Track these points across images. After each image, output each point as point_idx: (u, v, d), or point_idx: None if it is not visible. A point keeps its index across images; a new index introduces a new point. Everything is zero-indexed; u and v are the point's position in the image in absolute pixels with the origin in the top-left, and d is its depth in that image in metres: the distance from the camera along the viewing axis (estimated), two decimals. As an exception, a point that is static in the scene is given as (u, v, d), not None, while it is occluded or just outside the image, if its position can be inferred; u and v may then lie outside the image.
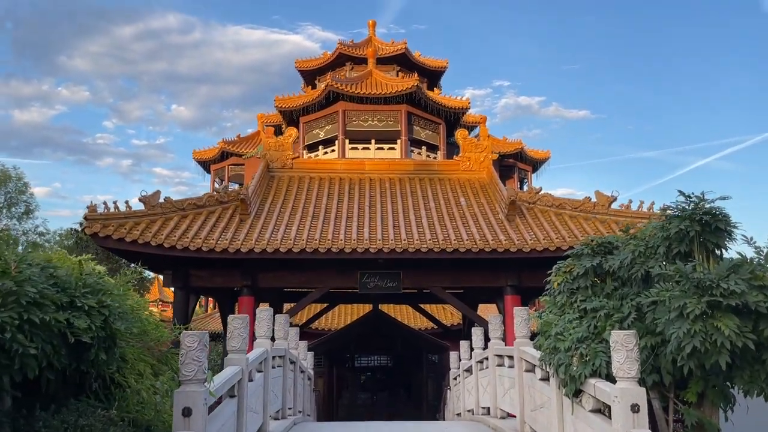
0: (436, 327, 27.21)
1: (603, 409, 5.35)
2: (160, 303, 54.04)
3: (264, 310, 9.91)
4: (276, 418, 8.96)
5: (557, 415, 6.09)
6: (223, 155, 34.86)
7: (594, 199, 16.75)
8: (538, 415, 6.98)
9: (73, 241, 32.98)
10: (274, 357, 8.92)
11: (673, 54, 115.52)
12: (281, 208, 17.59)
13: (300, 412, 12.00)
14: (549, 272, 6.70)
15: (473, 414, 11.08)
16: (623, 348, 4.71)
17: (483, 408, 10.41)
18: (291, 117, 25.39)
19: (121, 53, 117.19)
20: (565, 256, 6.56)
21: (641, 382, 4.82)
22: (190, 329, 5.08)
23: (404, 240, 15.44)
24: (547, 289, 6.68)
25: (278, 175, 19.77)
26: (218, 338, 33.01)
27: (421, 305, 24.49)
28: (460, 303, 17.06)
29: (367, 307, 24.66)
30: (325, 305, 23.66)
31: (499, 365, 9.31)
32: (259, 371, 7.56)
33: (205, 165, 36.20)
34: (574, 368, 5.47)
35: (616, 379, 4.77)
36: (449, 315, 30.86)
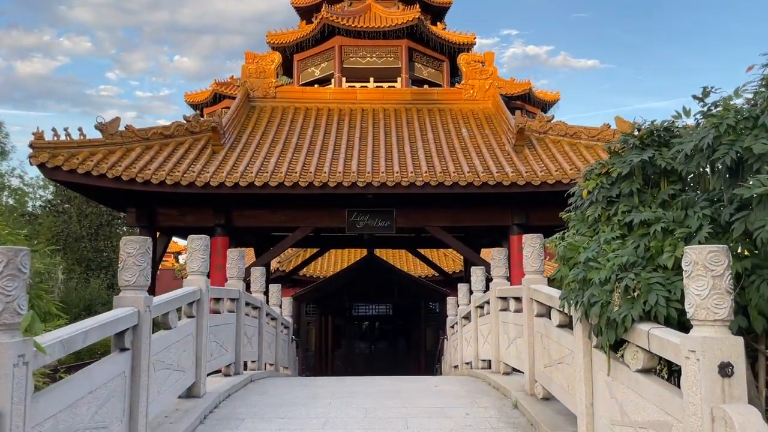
0: (436, 274, 25.59)
1: (661, 370, 3.57)
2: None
3: (234, 251, 8.16)
4: (227, 374, 7.29)
5: (583, 374, 4.33)
6: (216, 98, 32.67)
7: (614, 127, 14.71)
8: (555, 373, 5.24)
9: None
10: (221, 299, 7.17)
11: (684, 4, 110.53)
12: (260, 140, 15.65)
13: (271, 365, 10.38)
14: (564, 210, 4.89)
15: (471, 368, 9.41)
16: (706, 272, 2.87)
17: (483, 361, 8.73)
18: (285, 54, 23.19)
19: (121, 3, 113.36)
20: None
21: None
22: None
23: (397, 173, 13.54)
24: (571, 204, 4.81)
25: (260, 106, 17.74)
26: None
27: (421, 251, 22.78)
28: (460, 244, 15.28)
29: (363, 253, 22.99)
30: (316, 250, 21.95)
31: (503, 310, 7.56)
32: (190, 316, 5.81)
33: (199, 108, 34.10)
34: (615, 308, 3.65)
35: (693, 323, 2.96)
36: (451, 262, 29.21)
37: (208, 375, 6.78)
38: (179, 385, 5.31)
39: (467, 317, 10.28)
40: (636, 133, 4.44)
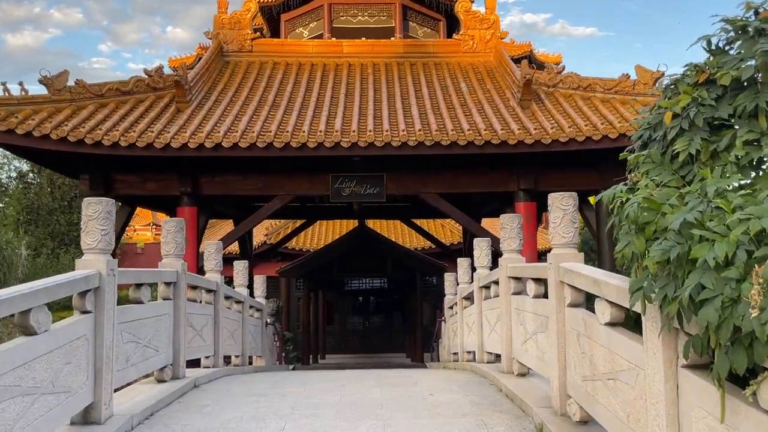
0: (433, 246, 23.96)
1: None
2: (154, 227, 50.16)
3: (172, 221, 6.47)
4: (161, 380, 5.64)
5: (665, 409, 2.69)
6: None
7: (634, 77, 12.91)
8: (602, 392, 3.60)
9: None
10: (155, 285, 5.50)
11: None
12: (233, 97, 13.81)
13: (236, 357, 8.77)
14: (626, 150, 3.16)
15: (475, 360, 7.81)
16: None
17: (489, 354, 7.12)
18: (271, 15, 21.14)
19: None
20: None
21: None
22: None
23: (387, 132, 11.77)
24: (641, 139, 3.09)
25: (234, 60, 15.85)
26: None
27: (416, 221, 21.12)
28: (459, 212, 13.57)
29: (354, 224, 21.32)
30: (303, 222, 20.24)
31: (517, 293, 5.91)
32: (85, 312, 4.13)
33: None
34: (754, 312, 1.98)
35: None
36: (448, 233, 27.62)
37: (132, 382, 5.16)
38: (65, 409, 3.65)
39: (469, 298, 8.66)
40: (752, 18, 2.68)
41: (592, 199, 13.53)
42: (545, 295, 4.79)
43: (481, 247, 8.11)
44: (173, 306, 5.76)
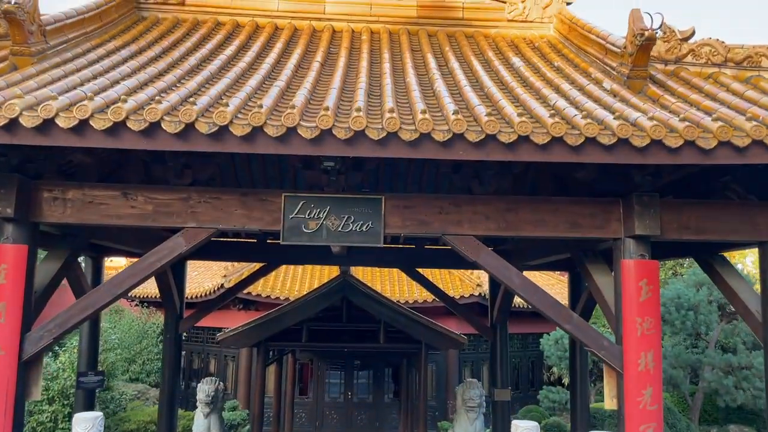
0: (436, 300, 17.95)
1: None
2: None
3: None
4: None
5: None
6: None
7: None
8: None
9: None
10: None
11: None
12: (125, 60, 8.03)
13: None
14: None
15: None
16: None
17: None
18: None
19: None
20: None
21: None
22: None
23: (392, 115, 5.94)
24: None
25: (154, 15, 10.12)
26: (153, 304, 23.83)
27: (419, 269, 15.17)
28: (540, 291, 7.61)
29: (335, 268, 15.42)
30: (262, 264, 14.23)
31: None
32: None
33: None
34: None
35: None
36: (456, 282, 21.73)
37: None
38: None
39: None
40: None
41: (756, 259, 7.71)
42: None
43: None
44: None
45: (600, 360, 7.11)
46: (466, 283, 21.36)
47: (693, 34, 8.09)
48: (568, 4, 10.71)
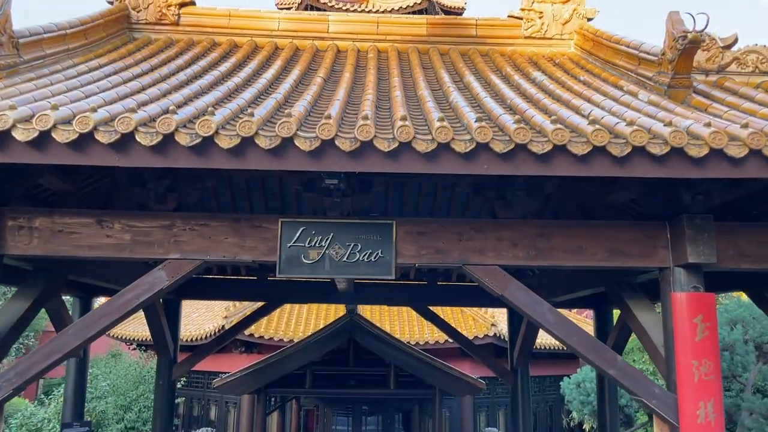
0: (450, 341, 16.92)
1: None
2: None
3: None
4: None
5: None
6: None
7: None
8: None
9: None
10: None
11: None
12: (110, 74, 7.30)
13: None
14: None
15: None
16: None
17: None
18: None
19: None
20: None
21: None
22: None
23: (404, 124, 5.10)
24: None
25: (148, 36, 9.46)
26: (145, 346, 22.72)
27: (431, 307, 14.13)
28: (578, 330, 6.64)
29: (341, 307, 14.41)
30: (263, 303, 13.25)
31: None
32: None
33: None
34: None
35: None
36: (470, 322, 20.55)
37: None
38: None
39: None
40: None
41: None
42: None
43: None
44: None
45: (650, 410, 6.06)
46: (479, 323, 20.19)
47: (736, 41, 7.29)
48: (590, 20, 9.99)
